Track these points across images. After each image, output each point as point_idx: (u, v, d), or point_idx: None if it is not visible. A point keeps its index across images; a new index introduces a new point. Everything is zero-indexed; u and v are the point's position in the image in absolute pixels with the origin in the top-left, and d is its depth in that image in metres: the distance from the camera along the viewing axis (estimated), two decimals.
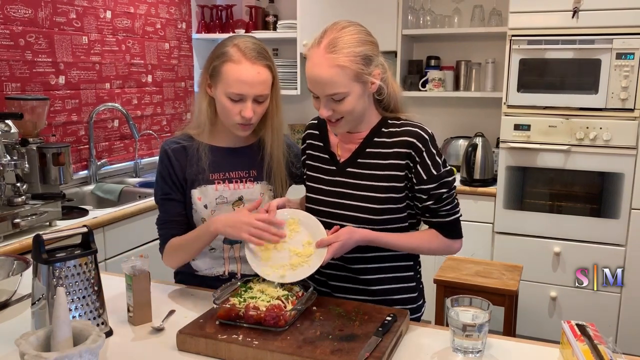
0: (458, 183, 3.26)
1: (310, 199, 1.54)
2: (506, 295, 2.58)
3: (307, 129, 1.63)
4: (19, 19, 2.61)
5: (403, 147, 1.43)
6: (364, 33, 1.40)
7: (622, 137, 2.84)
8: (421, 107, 3.73)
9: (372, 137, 1.47)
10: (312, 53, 1.37)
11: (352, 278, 1.50)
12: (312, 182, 1.55)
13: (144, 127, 3.49)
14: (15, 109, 2.44)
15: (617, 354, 1.13)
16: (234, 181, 1.60)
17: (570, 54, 2.89)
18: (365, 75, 1.37)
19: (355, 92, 1.37)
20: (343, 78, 1.34)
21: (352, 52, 1.34)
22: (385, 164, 1.44)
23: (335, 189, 1.49)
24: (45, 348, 1.07)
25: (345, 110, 1.38)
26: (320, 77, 1.35)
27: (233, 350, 1.19)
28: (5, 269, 1.58)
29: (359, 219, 1.44)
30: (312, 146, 1.58)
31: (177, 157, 1.58)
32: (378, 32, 1.55)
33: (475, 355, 1.22)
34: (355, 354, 1.15)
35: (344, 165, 1.49)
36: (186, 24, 3.81)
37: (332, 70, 1.34)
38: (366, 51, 1.37)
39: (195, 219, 1.60)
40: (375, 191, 1.44)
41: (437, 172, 1.43)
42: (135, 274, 1.35)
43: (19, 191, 2.20)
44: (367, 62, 1.37)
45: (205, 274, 1.65)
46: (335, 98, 1.37)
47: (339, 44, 1.34)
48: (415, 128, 1.45)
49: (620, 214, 2.90)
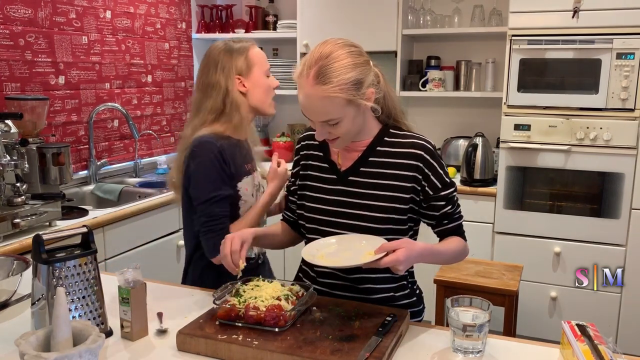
0: (458, 183, 3.26)
1: (311, 209, 1.52)
2: (506, 295, 2.58)
3: (303, 140, 1.59)
4: (18, 19, 2.61)
5: (410, 158, 1.43)
6: (355, 54, 1.35)
7: (622, 137, 2.84)
8: (421, 107, 3.75)
9: (374, 146, 1.47)
10: (302, 83, 1.33)
11: (351, 287, 1.50)
12: (312, 192, 1.53)
13: (144, 127, 3.49)
14: (15, 109, 2.44)
15: (617, 354, 1.13)
16: (252, 171, 1.75)
17: (570, 54, 2.89)
18: (357, 99, 1.34)
19: (349, 116, 1.36)
20: (334, 107, 1.33)
21: (341, 81, 1.30)
22: (390, 174, 1.44)
23: (337, 198, 1.48)
24: (45, 348, 1.07)
25: (341, 132, 1.38)
26: (312, 108, 1.35)
27: (233, 351, 1.19)
28: (5, 269, 1.58)
29: (362, 228, 1.43)
30: (311, 156, 1.56)
31: (230, 153, 1.64)
32: (378, 32, 1.55)
33: (476, 355, 1.22)
34: (355, 354, 1.15)
35: (345, 174, 1.48)
36: (186, 23, 3.81)
37: (322, 101, 1.32)
38: (357, 75, 1.33)
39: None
40: (378, 200, 1.43)
41: (447, 177, 1.47)
42: (132, 287, 1.28)
43: (18, 191, 2.19)
44: (358, 87, 1.33)
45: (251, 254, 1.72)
46: (330, 123, 1.36)
47: (327, 74, 1.30)
48: (420, 140, 1.46)
49: (620, 214, 2.90)
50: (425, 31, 3.53)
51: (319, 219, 1.50)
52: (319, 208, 1.50)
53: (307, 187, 1.54)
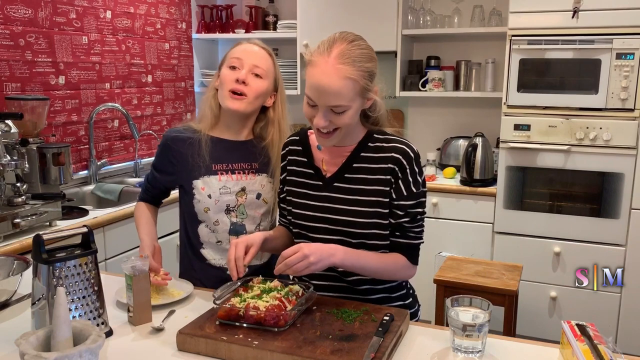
0: (458, 183, 3.27)
1: (296, 215, 1.51)
2: (506, 295, 2.58)
3: (288, 145, 1.58)
4: (19, 19, 2.61)
5: (389, 162, 1.42)
6: (370, 49, 1.38)
7: (622, 137, 2.84)
8: (421, 107, 3.76)
9: (359, 152, 1.46)
10: (320, 61, 1.31)
11: (348, 289, 1.50)
12: (297, 198, 1.52)
13: (144, 127, 3.49)
14: (15, 109, 2.44)
15: (617, 354, 1.13)
16: (237, 172, 1.67)
17: (570, 54, 2.89)
18: (369, 92, 1.36)
19: (355, 107, 1.36)
20: (349, 91, 1.32)
21: (363, 67, 1.32)
22: (371, 179, 1.43)
23: (322, 204, 1.47)
24: (45, 348, 1.07)
25: (343, 122, 1.36)
26: (329, 86, 1.30)
27: (233, 350, 1.19)
28: (5, 269, 1.58)
29: (347, 233, 1.43)
30: (295, 162, 1.55)
31: (183, 145, 1.66)
32: (378, 32, 1.56)
33: (475, 355, 1.22)
34: (355, 354, 1.15)
35: (330, 180, 1.47)
36: (186, 24, 3.81)
37: (342, 82, 1.30)
38: (372, 68, 1.36)
39: (198, 208, 1.67)
40: (362, 205, 1.42)
41: (417, 190, 1.42)
42: (135, 274, 1.34)
43: (19, 191, 2.20)
44: (372, 79, 1.36)
45: (213, 263, 1.69)
46: (336, 110, 1.34)
47: (351, 56, 1.31)
48: (402, 145, 1.43)
49: (620, 214, 2.90)
50: (425, 31, 3.54)
51: (304, 225, 1.50)
52: (304, 214, 1.50)
53: (293, 192, 1.54)
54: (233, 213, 1.67)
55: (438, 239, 3.22)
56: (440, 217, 3.24)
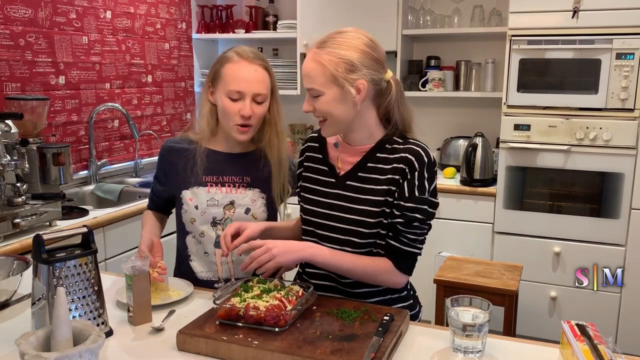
0: (458, 183, 3.26)
1: (307, 211, 1.52)
2: (506, 295, 2.58)
3: (307, 141, 1.61)
4: (19, 19, 2.61)
5: (401, 162, 1.41)
6: (367, 47, 1.38)
7: (622, 137, 2.84)
8: (421, 107, 3.75)
9: (375, 152, 1.45)
10: None
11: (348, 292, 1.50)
12: (309, 194, 1.53)
13: (144, 127, 3.49)
14: (15, 109, 2.44)
15: (617, 354, 1.13)
16: (227, 185, 1.65)
17: (570, 54, 2.89)
18: (342, 80, 1.35)
19: (330, 94, 1.37)
20: (318, 75, 1.36)
21: (336, 54, 1.35)
22: (382, 179, 1.43)
23: (334, 202, 1.47)
24: (45, 348, 1.07)
25: (322, 109, 1.39)
26: (304, 68, 1.41)
27: (233, 350, 1.19)
28: (5, 269, 1.58)
29: (355, 232, 1.43)
30: (311, 158, 1.56)
31: (178, 155, 1.67)
32: (378, 32, 1.56)
33: (475, 355, 1.22)
34: (355, 354, 1.15)
35: (343, 178, 1.47)
36: (186, 24, 3.81)
37: (312, 64, 1.38)
38: (354, 59, 1.35)
39: (185, 219, 1.67)
40: (371, 205, 1.42)
41: (420, 194, 1.39)
42: (135, 274, 1.35)
43: (19, 191, 2.20)
44: (349, 69, 1.35)
45: (202, 277, 1.68)
46: (312, 94, 1.39)
47: (328, 43, 1.37)
48: (418, 148, 1.42)
49: (620, 214, 2.90)
50: (425, 31, 3.54)
51: (313, 221, 1.50)
52: (314, 210, 1.50)
53: (305, 188, 1.55)
54: (219, 226, 1.64)
55: (438, 239, 3.22)
56: (440, 217, 3.24)
